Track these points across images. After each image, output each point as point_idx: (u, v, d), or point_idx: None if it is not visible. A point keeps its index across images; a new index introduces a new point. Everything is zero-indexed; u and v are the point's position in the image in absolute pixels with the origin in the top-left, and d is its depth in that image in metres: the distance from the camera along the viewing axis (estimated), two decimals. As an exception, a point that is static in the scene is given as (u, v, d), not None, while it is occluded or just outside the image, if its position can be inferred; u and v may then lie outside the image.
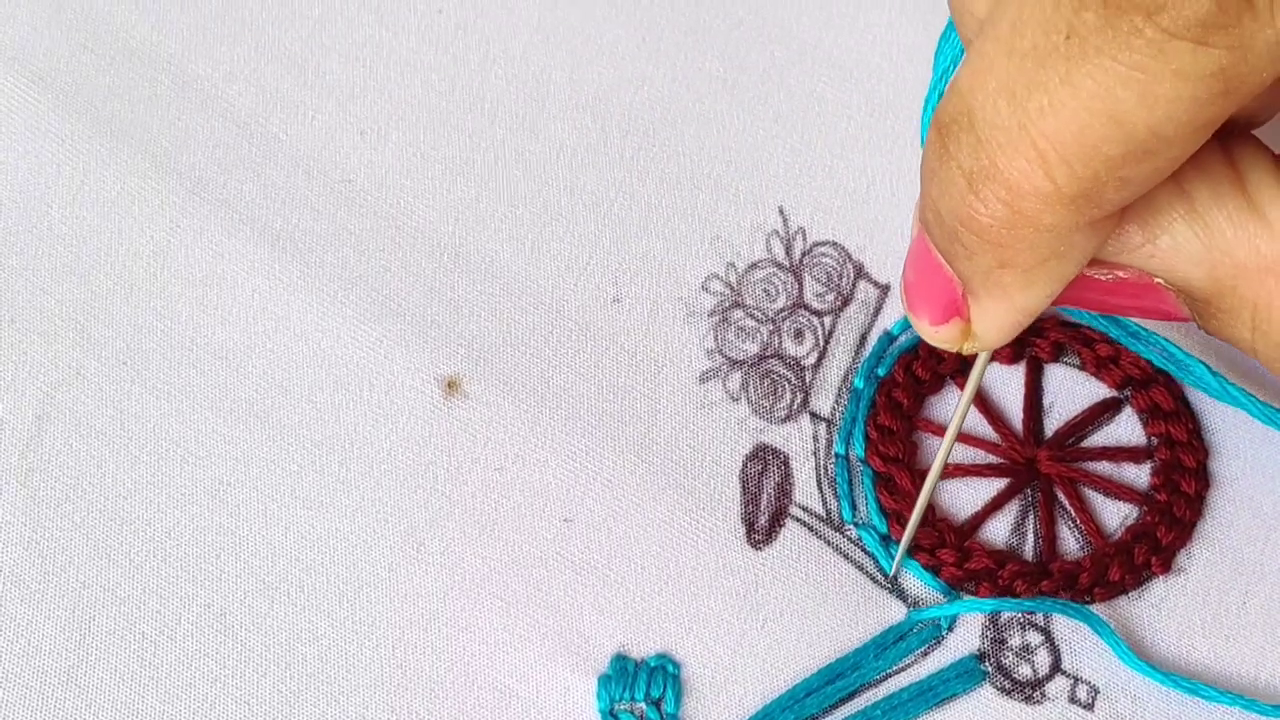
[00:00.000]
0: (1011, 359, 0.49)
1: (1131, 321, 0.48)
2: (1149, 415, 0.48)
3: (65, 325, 0.49)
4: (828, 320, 0.49)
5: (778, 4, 0.51)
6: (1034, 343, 0.48)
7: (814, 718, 0.46)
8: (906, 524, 0.46)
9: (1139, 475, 0.48)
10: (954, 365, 0.48)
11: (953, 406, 0.49)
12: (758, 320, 0.49)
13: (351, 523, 0.48)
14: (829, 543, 0.48)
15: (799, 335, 0.49)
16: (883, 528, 0.47)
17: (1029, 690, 0.47)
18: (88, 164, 0.50)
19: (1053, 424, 0.49)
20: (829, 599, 0.47)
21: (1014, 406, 0.49)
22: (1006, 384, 0.49)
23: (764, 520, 0.47)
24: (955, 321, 0.36)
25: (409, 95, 0.51)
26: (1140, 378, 0.48)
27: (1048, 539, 0.48)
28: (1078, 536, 0.48)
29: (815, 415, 0.48)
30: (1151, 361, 0.48)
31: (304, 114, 0.50)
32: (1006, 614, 0.47)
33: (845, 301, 0.49)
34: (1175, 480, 0.47)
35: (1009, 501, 0.48)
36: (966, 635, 0.47)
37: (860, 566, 0.48)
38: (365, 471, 0.48)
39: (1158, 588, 0.47)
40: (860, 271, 0.49)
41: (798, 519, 0.48)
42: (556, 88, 0.51)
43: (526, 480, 0.48)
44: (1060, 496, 0.48)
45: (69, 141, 0.50)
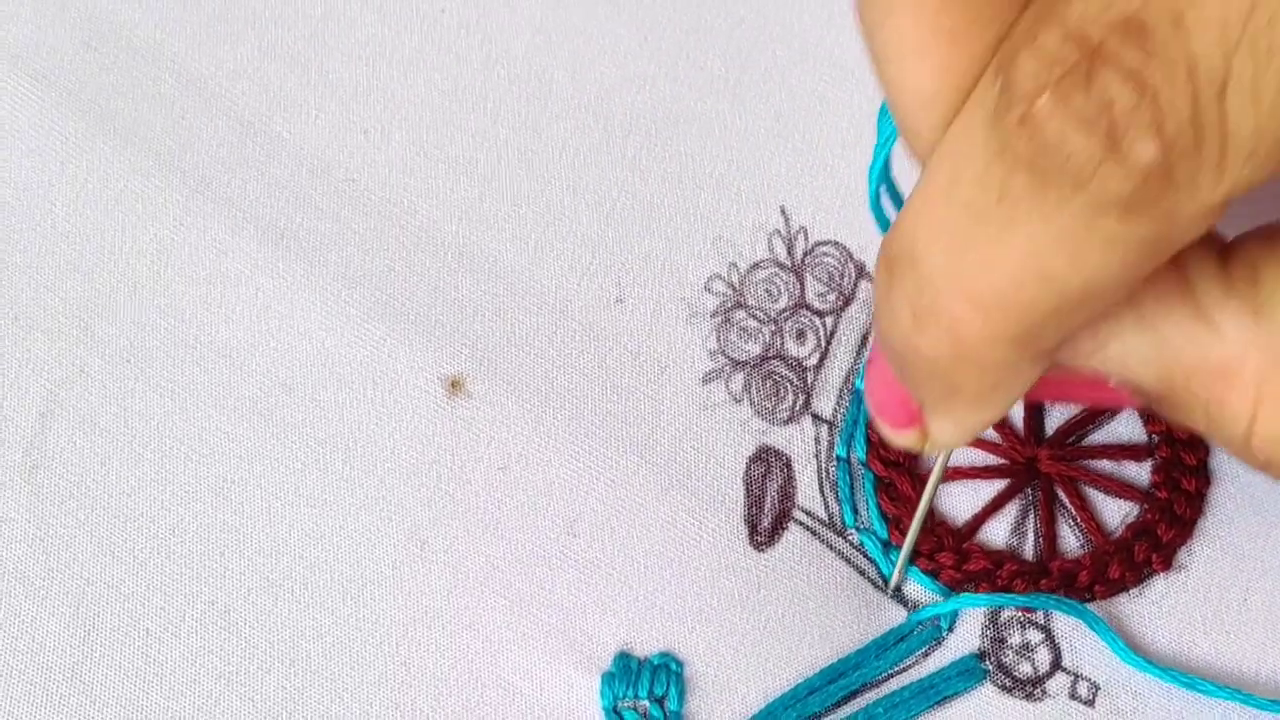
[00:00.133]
0: (1013, 359, 0.49)
1: None
2: (1150, 413, 0.48)
3: (69, 323, 0.49)
4: (829, 320, 0.49)
5: (780, 3, 0.51)
6: None
7: (816, 716, 0.47)
8: (907, 531, 0.47)
9: (1139, 473, 0.48)
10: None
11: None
12: (760, 321, 0.49)
13: (355, 521, 0.48)
14: (831, 546, 0.48)
15: (801, 336, 0.49)
16: (884, 533, 0.48)
17: (1030, 688, 0.47)
18: (92, 162, 0.50)
19: (1053, 422, 0.49)
20: (831, 601, 0.47)
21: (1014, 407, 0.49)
22: (1007, 384, 0.49)
23: (767, 523, 0.48)
24: (914, 429, 0.37)
25: (412, 95, 0.51)
26: (1140, 378, 0.48)
27: (1048, 538, 0.48)
28: (1078, 535, 0.48)
29: (817, 417, 0.48)
30: None
31: (307, 113, 0.51)
32: (1006, 613, 0.47)
33: (847, 301, 0.49)
34: (1176, 478, 0.48)
35: (1009, 501, 0.48)
36: (967, 635, 0.47)
37: (862, 571, 0.48)
38: (369, 470, 0.48)
39: (1158, 585, 0.48)
40: (862, 271, 0.49)
41: (800, 522, 0.48)
42: (559, 87, 0.51)
43: (530, 479, 0.48)
44: (1061, 495, 0.48)
45: (73, 140, 0.50)
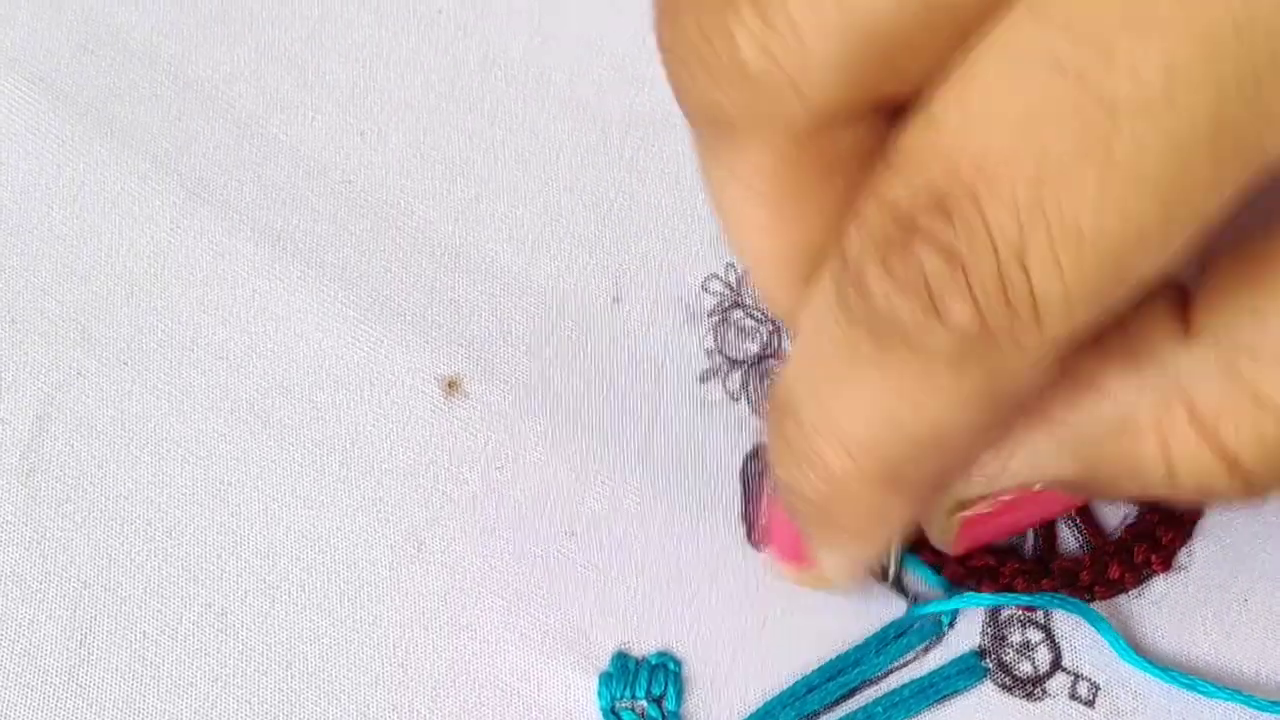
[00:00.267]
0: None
1: None
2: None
3: (66, 326, 0.49)
4: None
5: (777, 4, 0.51)
6: None
7: (815, 714, 0.46)
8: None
9: (1139, 473, 0.48)
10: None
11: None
12: (758, 320, 0.49)
13: (352, 522, 0.48)
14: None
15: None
16: (884, 524, 0.47)
17: (1030, 687, 0.47)
18: (88, 165, 0.50)
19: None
20: (830, 597, 0.47)
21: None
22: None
23: (764, 520, 0.47)
24: (808, 565, 0.40)
25: (409, 96, 0.51)
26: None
27: (1047, 538, 0.48)
28: (1077, 536, 0.48)
29: (816, 412, 0.48)
30: None
31: (304, 115, 0.51)
32: (1007, 611, 0.47)
33: None
34: (1176, 478, 0.47)
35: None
36: (967, 632, 0.47)
37: (861, 564, 0.48)
38: (366, 471, 0.48)
39: (1158, 586, 0.47)
40: None
41: (798, 518, 0.48)
42: (557, 88, 0.51)
43: (527, 479, 0.48)
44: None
45: (69, 143, 0.50)
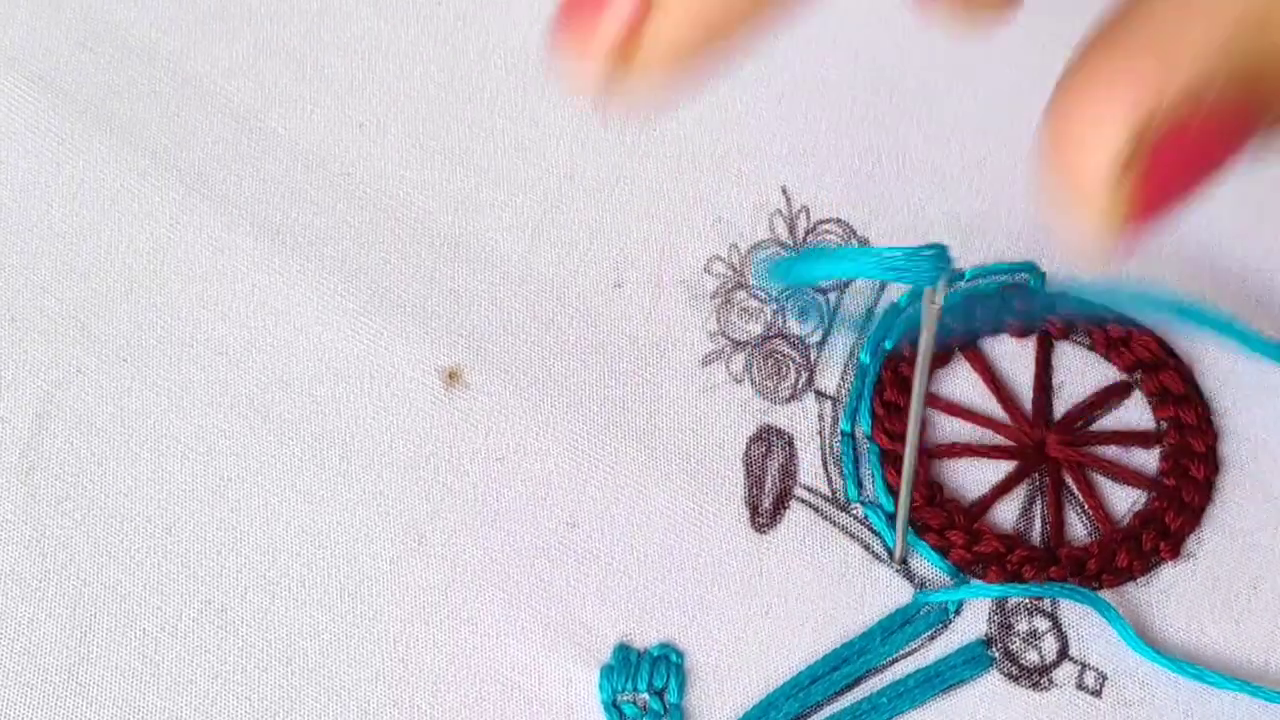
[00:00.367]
0: (1022, 333, 0.47)
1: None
2: (1158, 399, 0.47)
3: (66, 323, 0.49)
4: (832, 297, 0.48)
5: (781, -12, 0.50)
6: (1046, 318, 0.47)
7: (819, 705, 0.45)
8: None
9: (1148, 460, 0.47)
10: (962, 339, 0.47)
11: (962, 381, 0.48)
12: (761, 300, 0.48)
13: (352, 516, 0.47)
14: (835, 523, 0.47)
15: (804, 314, 0.48)
16: (889, 505, 0.47)
17: (1036, 676, 0.45)
18: (87, 162, 0.50)
19: (1061, 405, 0.48)
20: (835, 582, 0.46)
21: (1023, 385, 0.48)
22: (1016, 361, 0.48)
23: (768, 503, 0.46)
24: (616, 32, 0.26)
25: (408, 87, 0.50)
26: (1150, 361, 0.47)
27: (1055, 525, 0.46)
28: (1085, 522, 0.47)
29: (820, 394, 0.47)
30: (1162, 343, 0.47)
31: (303, 108, 0.50)
32: (1013, 599, 0.46)
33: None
34: (1184, 465, 0.46)
35: (1017, 485, 0.47)
36: (973, 620, 0.46)
37: (867, 546, 0.47)
38: (366, 464, 0.47)
39: (1166, 573, 0.46)
40: (866, 246, 0.48)
41: (802, 500, 0.47)
42: (556, 75, 0.50)
43: (529, 470, 0.47)
44: (1068, 481, 0.47)
45: (69, 140, 0.50)
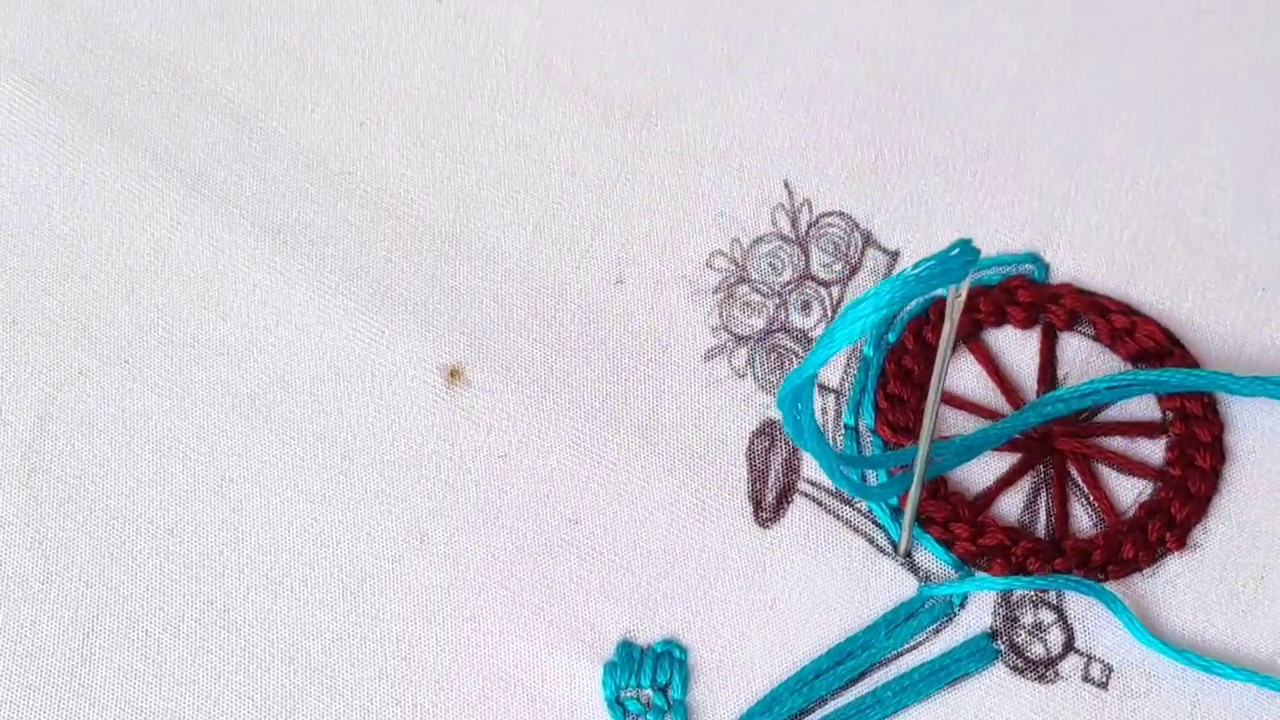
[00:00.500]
0: (1026, 324, 0.47)
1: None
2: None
3: (68, 325, 0.49)
4: (835, 290, 0.48)
5: (782, -18, 0.50)
6: (1049, 308, 0.47)
7: (823, 700, 0.45)
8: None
9: (1153, 450, 0.47)
10: (966, 330, 0.47)
11: (965, 373, 0.47)
12: (763, 295, 0.48)
13: (355, 515, 0.47)
14: (838, 517, 0.46)
15: (806, 307, 0.48)
16: (893, 499, 0.46)
17: (1042, 669, 0.45)
18: (88, 164, 0.50)
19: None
20: (838, 575, 0.46)
21: (1027, 376, 0.47)
22: (1020, 352, 0.47)
23: (771, 498, 0.46)
24: None
25: (409, 85, 0.50)
26: (1155, 350, 0.46)
27: (1060, 516, 0.46)
28: (1091, 513, 0.46)
29: (824, 387, 0.47)
30: (1167, 333, 0.46)
31: (303, 107, 0.50)
32: (1019, 592, 0.45)
33: (854, 270, 0.48)
34: (1190, 455, 0.46)
35: (1022, 477, 0.47)
36: (979, 612, 0.46)
37: (871, 539, 0.46)
38: (368, 463, 0.47)
39: (1172, 564, 0.46)
40: (869, 239, 0.48)
41: (806, 494, 0.46)
42: (558, 72, 0.50)
43: (530, 467, 0.47)
44: (1073, 472, 0.46)
45: (69, 142, 0.50)
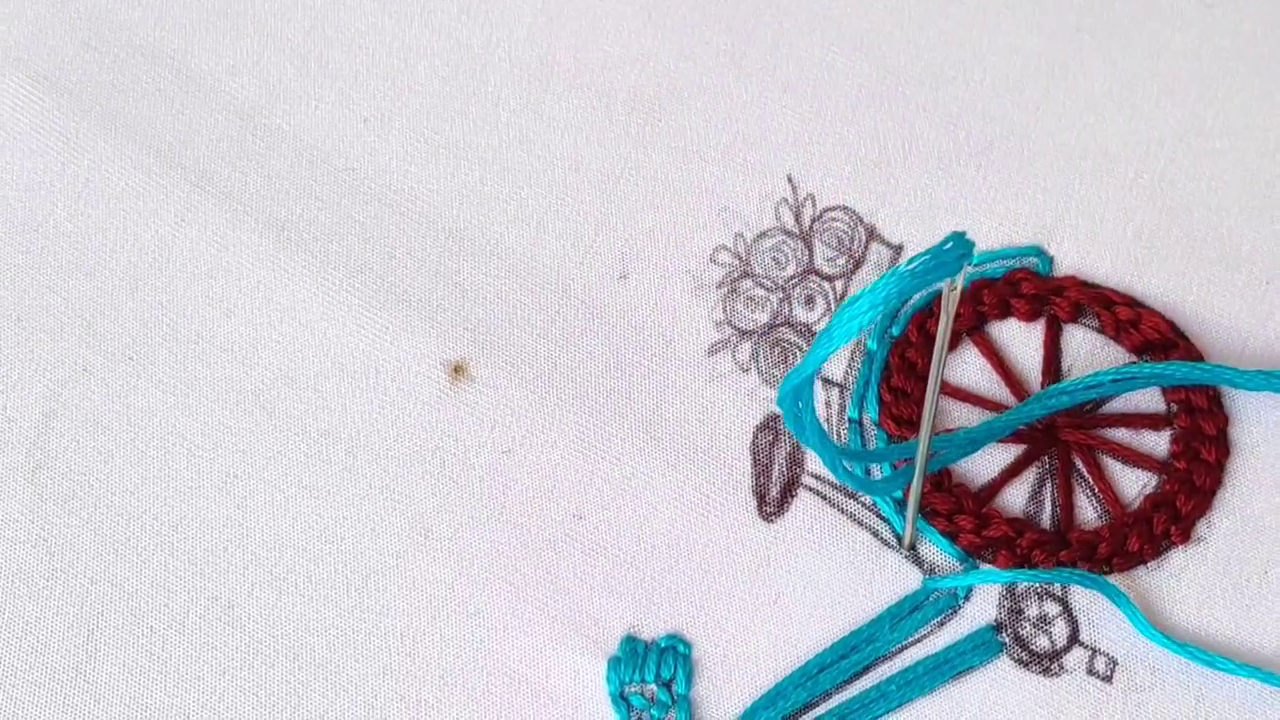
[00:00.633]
0: (1030, 316, 0.47)
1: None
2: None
3: (72, 322, 0.49)
4: (839, 284, 0.48)
5: (785, -24, 0.50)
6: (1053, 301, 0.46)
7: (828, 694, 0.45)
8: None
9: (1158, 442, 0.47)
10: (969, 322, 0.47)
11: (969, 366, 0.47)
12: (767, 289, 0.48)
13: (359, 511, 0.47)
14: (843, 510, 0.46)
15: (810, 301, 0.47)
16: (898, 492, 0.46)
17: (1046, 662, 0.45)
18: (92, 162, 0.50)
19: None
20: (843, 568, 0.46)
21: (1032, 369, 0.47)
22: (1024, 344, 0.47)
23: (775, 492, 0.46)
24: None
25: (412, 82, 0.50)
26: (1160, 342, 0.46)
27: (1065, 508, 0.46)
28: (1096, 505, 0.46)
29: (827, 381, 0.47)
30: (1172, 325, 0.46)
31: (307, 104, 0.50)
32: (1023, 584, 0.45)
33: (857, 264, 0.48)
34: (1195, 448, 0.46)
35: (1027, 468, 0.46)
36: (983, 605, 0.45)
37: (875, 533, 0.46)
38: (372, 459, 0.47)
39: (1177, 557, 0.46)
40: (873, 233, 0.48)
41: (810, 488, 0.46)
42: (561, 68, 0.50)
43: (535, 462, 0.47)
44: (1078, 464, 0.46)
45: (73, 140, 0.50)
